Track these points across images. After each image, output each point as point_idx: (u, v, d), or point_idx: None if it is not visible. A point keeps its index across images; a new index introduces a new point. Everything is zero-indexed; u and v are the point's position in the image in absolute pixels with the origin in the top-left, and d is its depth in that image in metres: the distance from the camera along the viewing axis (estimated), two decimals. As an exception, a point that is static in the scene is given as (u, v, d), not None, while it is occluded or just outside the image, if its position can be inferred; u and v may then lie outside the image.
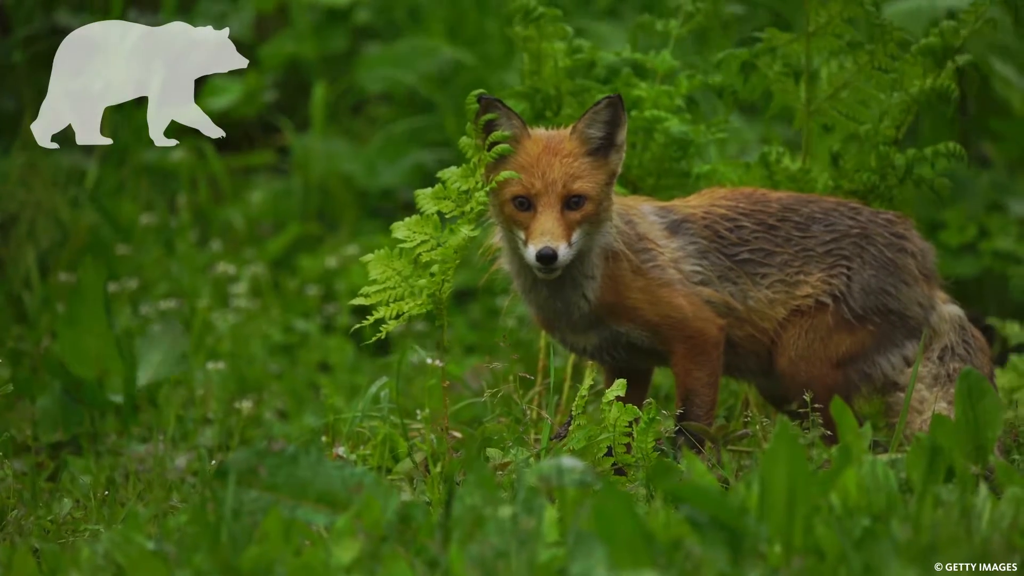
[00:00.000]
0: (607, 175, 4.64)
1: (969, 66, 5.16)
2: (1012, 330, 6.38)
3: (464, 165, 4.69)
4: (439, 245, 4.76)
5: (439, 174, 4.79)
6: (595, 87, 5.37)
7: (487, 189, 4.67)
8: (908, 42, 5.20)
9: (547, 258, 4.55)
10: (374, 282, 4.76)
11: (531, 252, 4.58)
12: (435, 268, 4.70)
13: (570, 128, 4.66)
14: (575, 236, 4.59)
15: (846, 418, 3.88)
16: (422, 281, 4.73)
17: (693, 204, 4.85)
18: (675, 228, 4.79)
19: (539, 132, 4.68)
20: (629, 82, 5.40)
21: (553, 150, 4.63)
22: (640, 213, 4.79)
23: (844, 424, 3.89)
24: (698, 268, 4.75)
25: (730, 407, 5.50)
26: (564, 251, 4.57)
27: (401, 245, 4.76)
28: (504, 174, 4.61)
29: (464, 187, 4.70)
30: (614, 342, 4.75)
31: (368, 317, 4.78)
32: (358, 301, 4.76)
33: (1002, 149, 7.95)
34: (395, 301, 4.76)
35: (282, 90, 9.57)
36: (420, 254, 4.73)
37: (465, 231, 4.68)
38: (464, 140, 4.71)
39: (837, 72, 5.27)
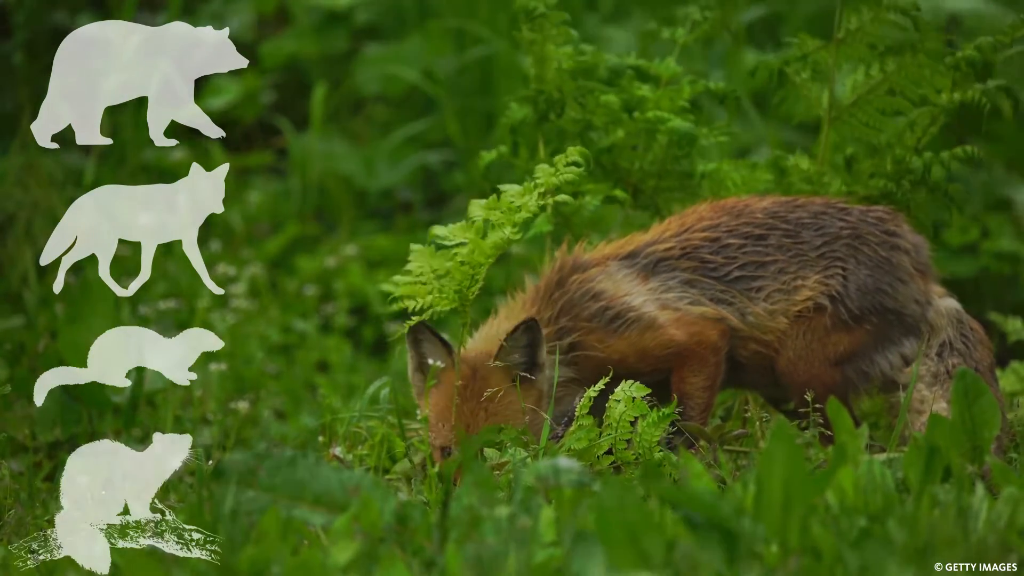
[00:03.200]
0: (533, 401, 4.62)
1: (1001, 89, 5.14)
2: (1014, 326, 6.37)
3: (526, 184, 4.62)
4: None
5: (499, 187, 4.72)
6: (599, 88, 5.36)
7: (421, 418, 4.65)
8: (941, 52, 5.16)
9: None
10: (408, 272, 4.71)
11: None
12: (463, 256, 4.62)
13: (492, 358, 4.61)
14: None
15: (842, 418, 3.89)
16: (454, 276, 4.66)
17: (666, 241, 4.76)
18: (651, 269, 4.73)
19: (463, 365, 4.61)
20: (632, 83, 5.39)
21: (476, 392, 4.61)
22: (605, 274, 4.72)
23: (840, 424, 3.89)
24: (686, 294, 4.72)
25: (729, 407, 5.50)
26: None
27: (440, 242, 4.70)
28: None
29: (519, 203, 4.60)
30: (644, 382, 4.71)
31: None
32: (387, 287, 4.74)
33: (998, 149, 7.96)
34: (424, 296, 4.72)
35: (281, 90, 9.56)
36: (457, 254, 4.68)
37: (507, 231, 4.59)
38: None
39: (863, 80, 5.24)
